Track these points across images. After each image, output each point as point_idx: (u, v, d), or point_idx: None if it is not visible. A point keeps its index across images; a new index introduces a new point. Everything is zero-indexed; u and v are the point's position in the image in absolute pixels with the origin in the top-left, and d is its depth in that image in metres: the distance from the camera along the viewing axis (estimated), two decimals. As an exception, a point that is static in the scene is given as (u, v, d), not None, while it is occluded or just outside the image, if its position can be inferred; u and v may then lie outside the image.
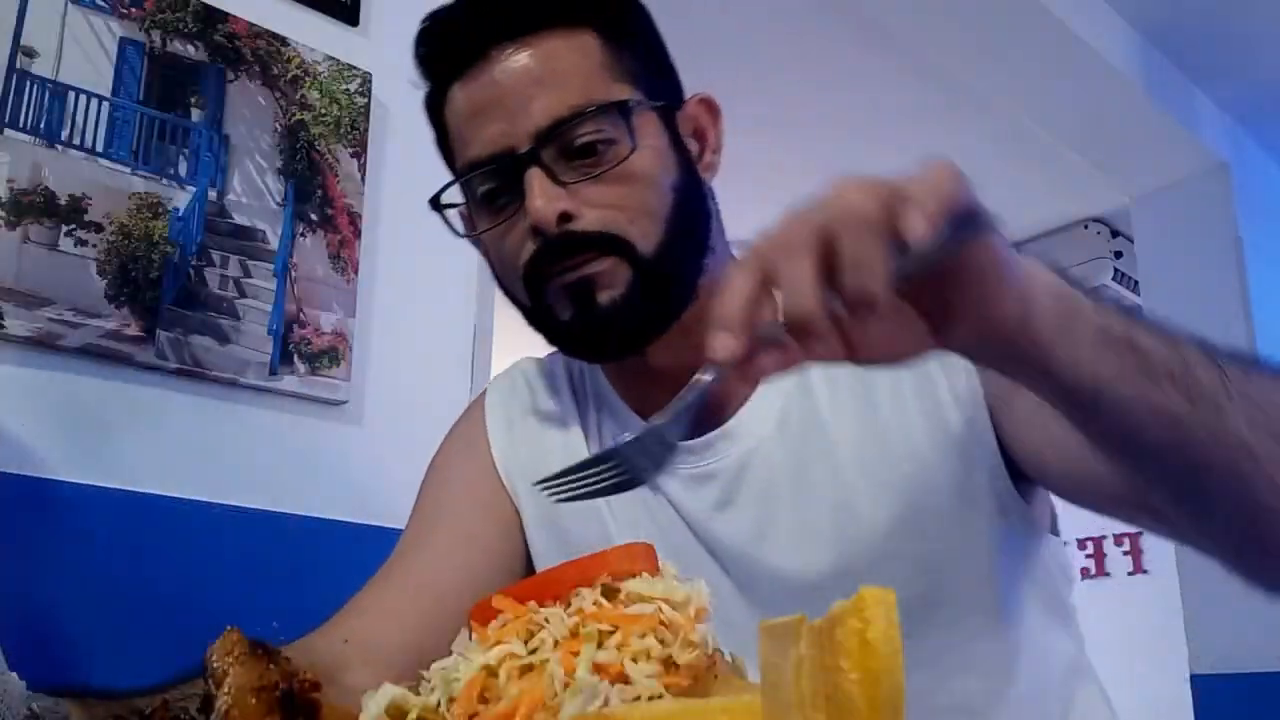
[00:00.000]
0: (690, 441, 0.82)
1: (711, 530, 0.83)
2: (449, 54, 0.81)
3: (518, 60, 0.77)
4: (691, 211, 0.81)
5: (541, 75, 0.77)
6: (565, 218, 0.76)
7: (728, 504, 0.83)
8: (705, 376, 0.51)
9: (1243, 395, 0.56)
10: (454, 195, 0.84)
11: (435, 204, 0.84)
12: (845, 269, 0.47)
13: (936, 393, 0.78)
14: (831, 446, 0.80)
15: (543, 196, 0.75)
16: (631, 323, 0.78)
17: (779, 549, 0.81)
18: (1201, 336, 0.60)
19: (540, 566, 0.90)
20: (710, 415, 0.83)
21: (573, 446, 0.90)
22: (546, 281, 0.78)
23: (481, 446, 0.94)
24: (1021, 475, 0.77)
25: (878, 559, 0.77)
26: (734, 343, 0.49)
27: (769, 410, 0.83)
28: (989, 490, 0.78)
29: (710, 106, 0.87)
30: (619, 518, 0.87)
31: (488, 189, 0.80)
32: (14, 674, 0.63)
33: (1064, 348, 0.54)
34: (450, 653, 0.44)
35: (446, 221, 0.85)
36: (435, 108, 0.84)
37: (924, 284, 0.51)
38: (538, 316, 0.82)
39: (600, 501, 0.86)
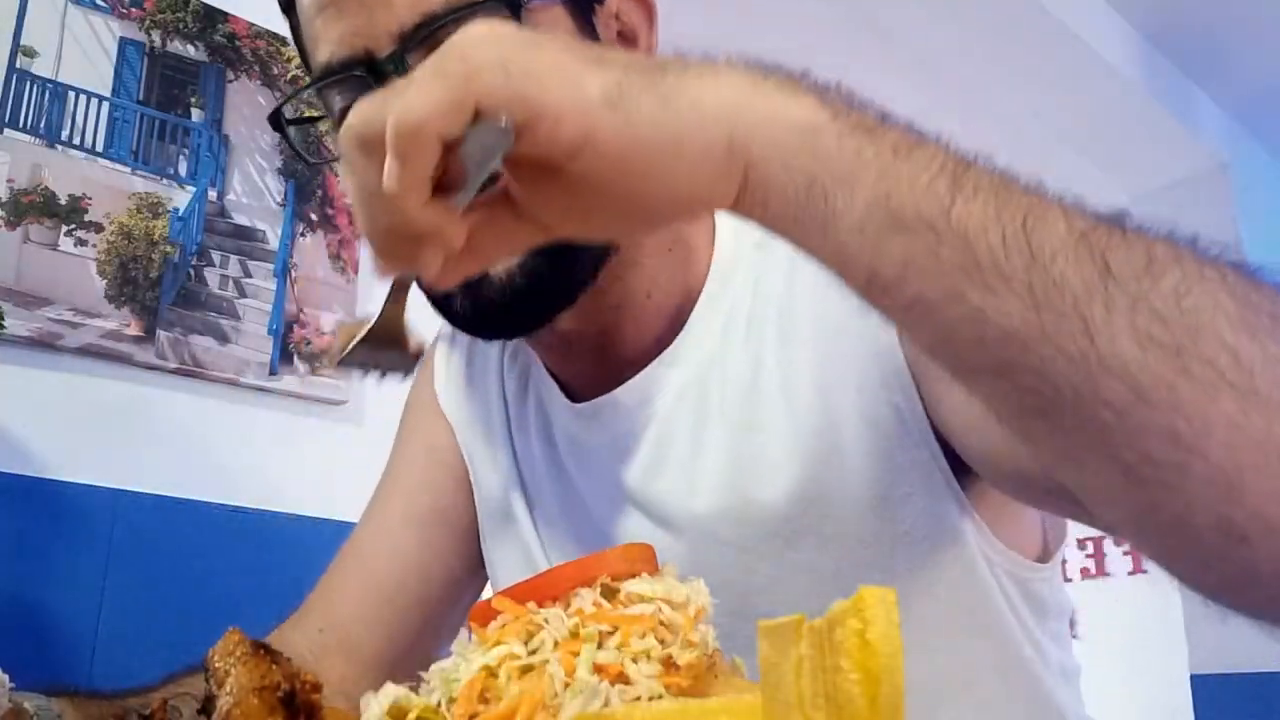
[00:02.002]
0: (578, 405, 0.72)
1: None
2: None
3: None
4: None
5: None
6: None
7: (626, 453, 0.71)
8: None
9: (1137, 302, 0.38)
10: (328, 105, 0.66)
11: (276, 121, 0.67)
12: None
13: (865, 381, 0.63)
14: (738, 416, 0.67)
15: None
16: (530, 301, 0.63)
17: (670, 488, 0.69)
18: (1127, 216, 0.43)
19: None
20: (606, 374, 0.71)
21: (495, 415, 0.81)
22: None
23: (436, 405, 0.85)
24: (964, 468, 0.63)
25: (781, 539, 0.65)
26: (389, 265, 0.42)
27: (666, 381, 0.69)
28: (923, 485, 0.63)
29: (643, 2, 0.69)
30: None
31: (345, 103, 0.62)
32: None
33: (812, 233, 0.41)
34: (442, 647, 0.44)
35: (289, 142, 0.69)
36: None
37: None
38: (421, 287, 0.66)
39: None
